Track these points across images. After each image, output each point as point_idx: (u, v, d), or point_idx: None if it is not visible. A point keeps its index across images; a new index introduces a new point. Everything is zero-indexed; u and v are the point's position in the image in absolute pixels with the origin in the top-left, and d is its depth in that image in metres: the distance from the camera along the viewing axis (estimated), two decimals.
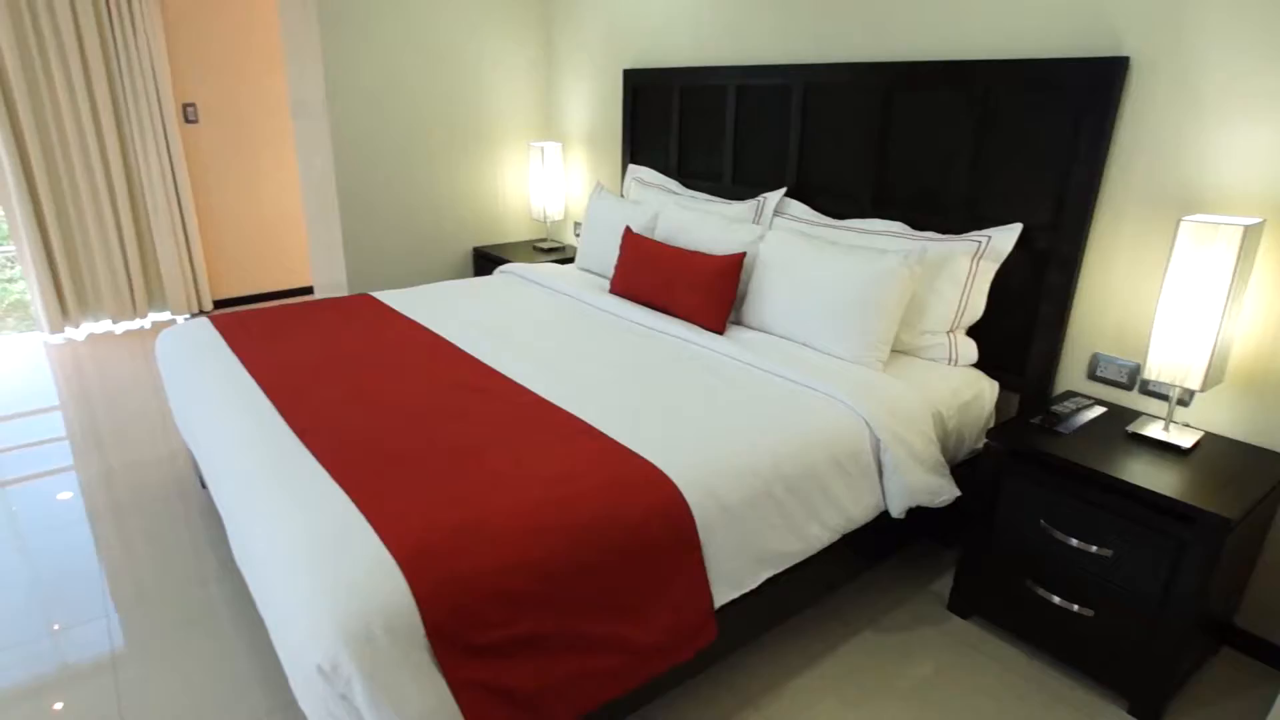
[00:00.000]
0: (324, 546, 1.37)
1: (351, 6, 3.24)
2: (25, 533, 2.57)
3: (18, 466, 3.03)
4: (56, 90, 4.03)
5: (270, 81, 4.68)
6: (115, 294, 4.40)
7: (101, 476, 2.93)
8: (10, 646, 2.05)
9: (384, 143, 3.48)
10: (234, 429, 1.84)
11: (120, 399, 3.61)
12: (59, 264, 4.23)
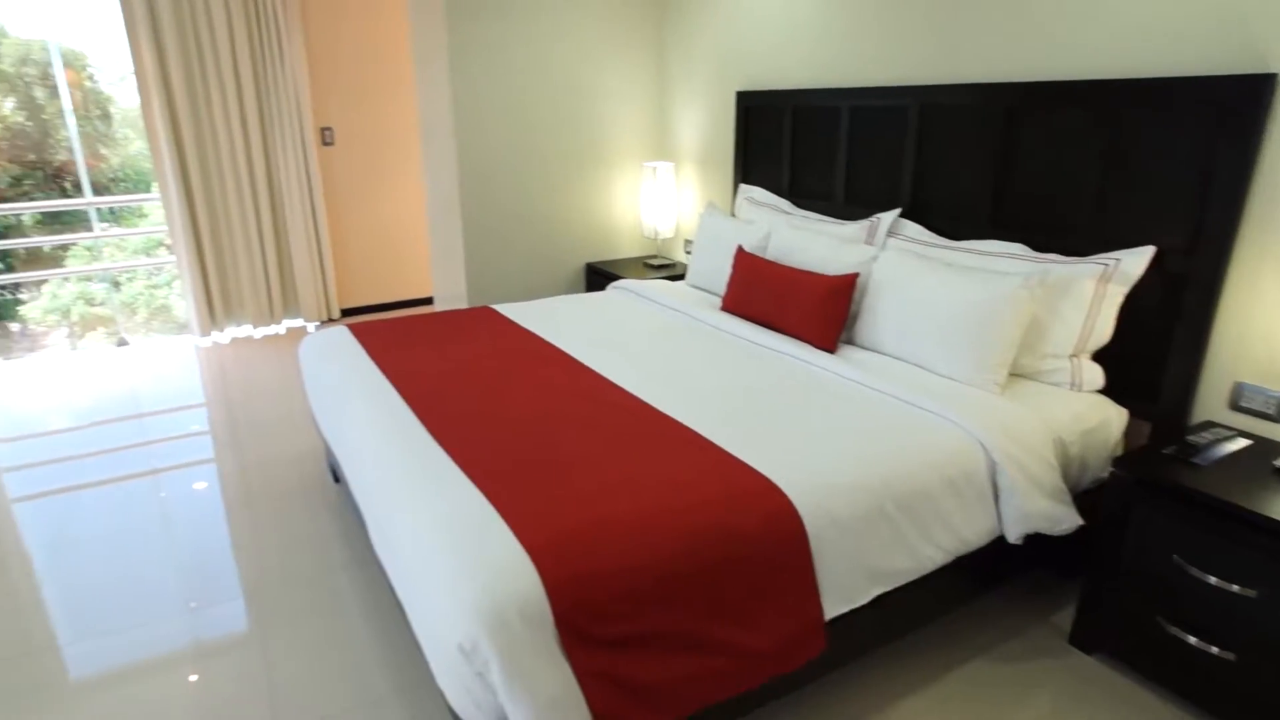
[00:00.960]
0: (462, 537, 1.51)
1: (479, 38, 3.50)
2: (171, 517, 2.88)
3: (167, 456, 3.40)
4: (215, 119, 4.51)
5: (399, 107, 5.08)
6: (256, 301, 4.87)
7: (238, 469, 3.24)
8: (153, 621, 2.31)
9: (505, 163, 3.71)
10: (375, 428, 2.04)
11: (257, 398, 3.98)
12: (210, 275, 4.71)
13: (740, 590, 1.58)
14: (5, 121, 6.53)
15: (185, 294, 4.75)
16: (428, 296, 5.42)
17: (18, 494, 3.13)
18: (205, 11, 4.35)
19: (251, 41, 4.52)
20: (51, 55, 5.64)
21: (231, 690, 2.02)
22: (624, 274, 3.73)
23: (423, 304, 5.46)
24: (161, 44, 4.33)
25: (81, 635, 2.24)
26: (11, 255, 6.44)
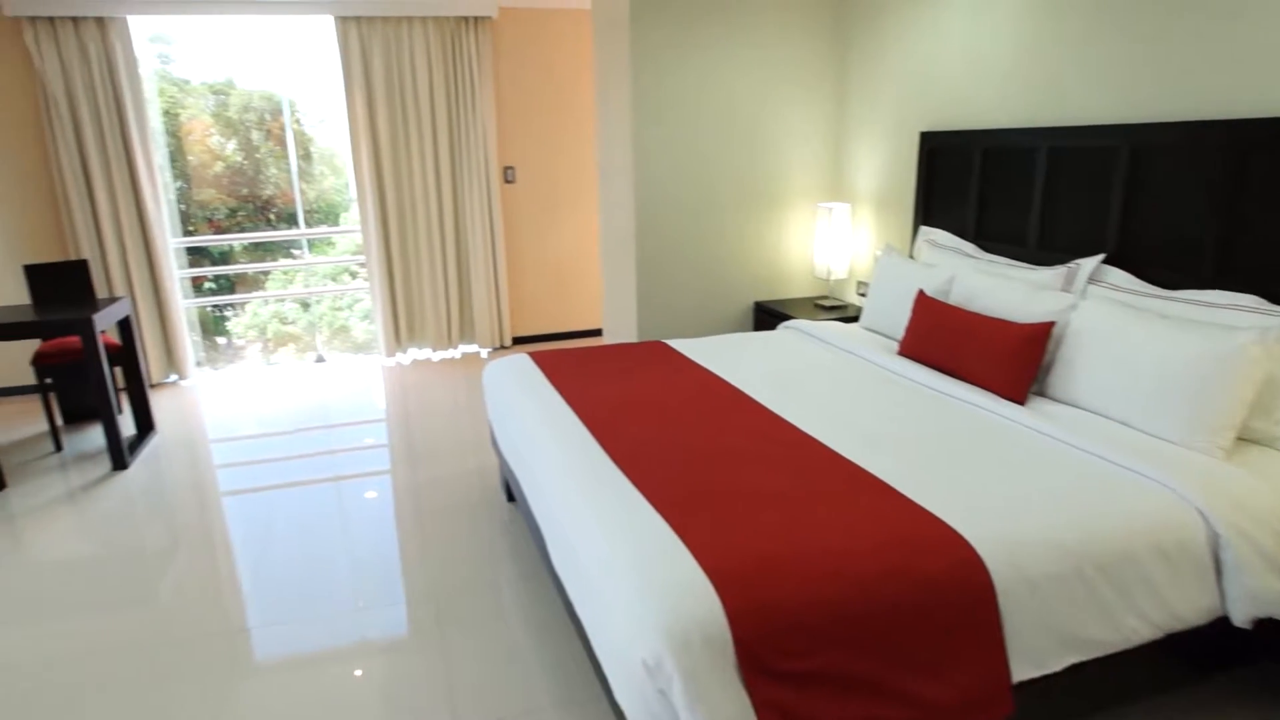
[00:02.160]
0: (646, 559, 1.62)
1: (660, 82, 3.74)
2: (348, 522, 3.22)
3: (349, 466, 3.80)
4: (412, 160, 5.08)
5: (576, 148, 5.48)
6: (436, 327, 5.37)
7: (411, 482, 3.56)
8: (326, 616, 2.58)
9: (679, 202, 3.91)
10: (558, 451, 2.21)
11: (433, 417, 4.37)
12: (399, 301, 5.26)
13: (921, 638, 1.59)
14: (227, 161, 7.62)
15: (375, 317, 5.31)
16: (596, 328, 5.74)
17: (226, 489, 3.63)
18: (410, 66, 4.94)
19: (448, 91, 5.05)
20: (283, 106, 6.51)
21: (391, 689, 2.22)
22: (794, 314, 3.79)
23: (591, 336, 5.79)
24: (372, 95, 4.94)
25: (267, 621, 2.57)
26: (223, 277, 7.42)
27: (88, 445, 4.11)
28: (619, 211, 4.05)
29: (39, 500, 3.48)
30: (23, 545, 3.11)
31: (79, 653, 2.41)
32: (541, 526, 2.23)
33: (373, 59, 4.89)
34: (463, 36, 4.98)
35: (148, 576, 2.84)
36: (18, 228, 4.80)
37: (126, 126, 4.65)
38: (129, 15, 4.55)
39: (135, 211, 4.79)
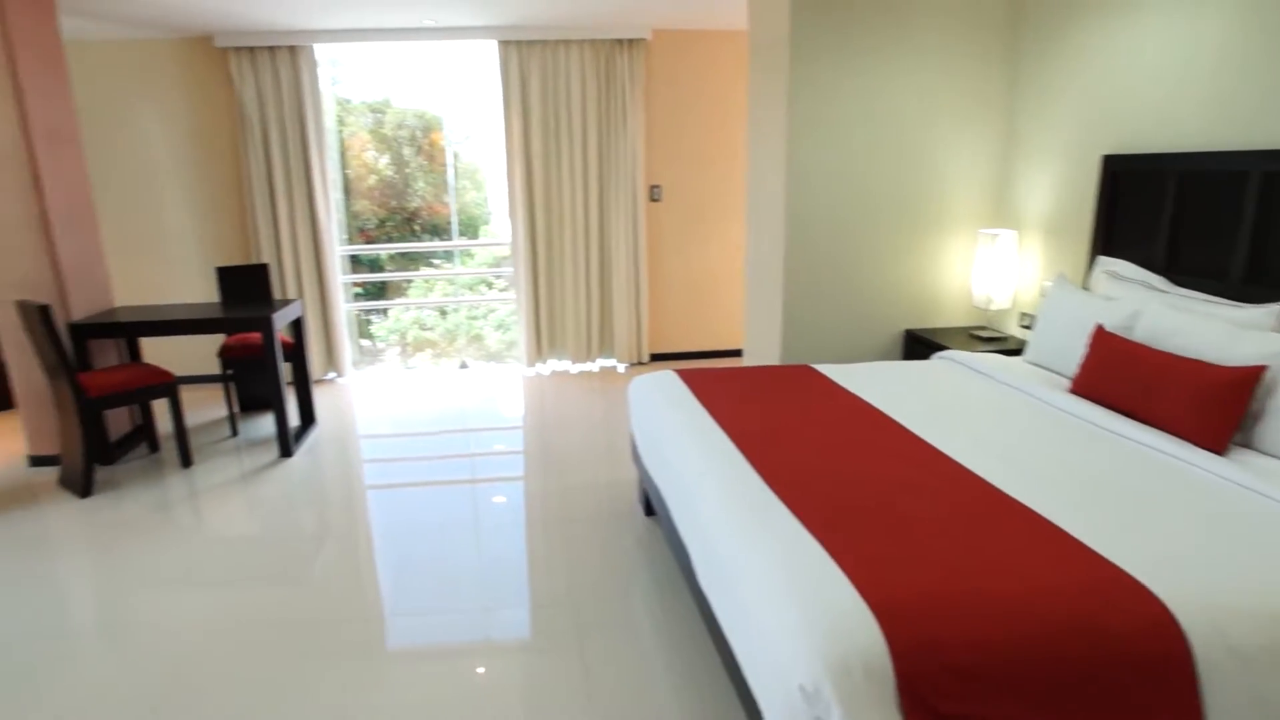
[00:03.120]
0: (803, 583, 1.61)
1: (817, 100, 3.71)
2: (480, 524, 3.35)
3: (485, 470, 3.97)
4: (562, 177, 5.30)
5: (724, 166, 5.54)
6: (576, 340, 5.55)
7: (543, 490, 3.67)
8: (454, 612, 2.70)
9: (831, 224, 3.86)
10: (708, 469, 2.23)
11: (568, 428, 4.50)
12: (542, 312, 5.48)
13: (1100, 696, 1.48)
14: (380, 174, 8.20)
15: (517, 328, 5.55)
16: (736, 349, 5.76)
17: (371, 482, 3.88)
18: (565, 87, 5.17)
19: (600, 111, 5.24)
20: (442, 124, 6.95)
21: (512, 689, 2.28)
22: (947, 343, 3.65)
23: (730, 356, 5.82)
24: (528, 114, 5.20)
25: (400, 612, 2.72)
26: (372, 283, 7.96)
27: (258, 433, 4.52)
28: (767, 232, 4.06)
29: (217, 480, 3.85)
30: (202, 520, 3.46)
31: (237, 621, 2.66)
32: (686, 542, 2.25)
33: (530, 80, 5.15)
34: (616, 58, 5.16)
35: (302, 558, 3.08)
36: (212, 234, 5.37)
37: (307, 143, 5.11)
38: (316, 44, 5.02)
39: (309, 221, 5.25)
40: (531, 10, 4.56)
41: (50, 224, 3.84)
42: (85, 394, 3.62)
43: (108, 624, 2.69)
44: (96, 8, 4.19)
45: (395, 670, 2.39)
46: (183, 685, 2.32)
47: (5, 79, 3.65)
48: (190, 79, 5.12)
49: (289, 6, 4.26)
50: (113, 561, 3.10)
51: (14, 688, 2.34)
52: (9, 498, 3.74)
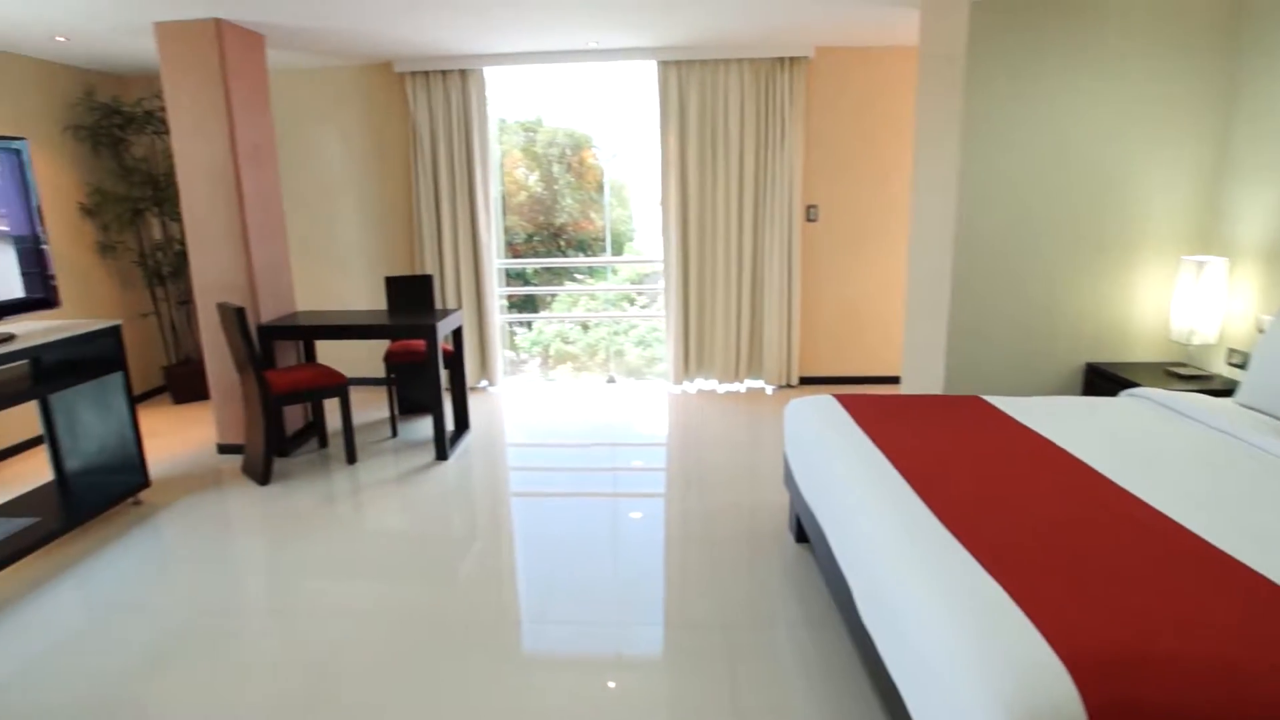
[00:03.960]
0: (984, 629, 1.50)
1: (994, 119, 3.55)
2: (619, 539, 3.37)
3: (626, 485, 4.01)
4: (718, 196, 5.34)
5: (883, 188, 5.40)
6: (725, 360, 5.55)
7: (683, 509, 3.66)
8: (588, 623, 2.73)
9: (1005, 248, 3.66)
10: (873, 501, 2.14)
11: (713, 448, 4.47)
12: (691, 331, 5.52)
13: None
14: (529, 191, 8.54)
15: (667, 345, 5.62)
16: (892, 376, 5.58)
17: (516, 490, 4.01)
18: (724, 106, 5.21)
19: (758, 129, 5.25)
20: (592, 142, 7.17)
21: (640, 707, 2.27)
22: (1138, 380, 3.36)
23: (884, 383, 5.65)
24: (685, 133, 5.28)
25: (536, 618, 2.78)
26: (520, 295, 8.27)
27: (416, 435, 4.80)
28: (932, 255, 3.90)
29: (378, 477, 4.12)
30: (363, 514, 3.70)
31: (386, 613, 2.82)
32: (846, 574, 2.18)
33: (688, 99, 5.23)
34: (777, 76, 5.15)
35: (450, 558, 3.23)
36: (382, 245, 5.79)
37: (472, 162, 5.42)
38: (485, 68, 5.33)
39: (471, 235, 5.55)
40: (695, 31, 4.64)
41: (248, 234, 4.27)
42: (270, 390, 3.98)
43: (274, 604, 2.93)
44: (297, 41, 4.64)
45: (528, 675, 2.45)
46: (332, 670, 2.48)
47: (220, 104, 4.11)
48: (370, 102, 5.57)
49: (465, 33, 4.55)
50: (282, 547, 3.38)
51: (189, 654, 2.59)
52: (199, 480, 4.16)
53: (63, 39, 4.42)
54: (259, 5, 3.83)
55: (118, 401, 3.71)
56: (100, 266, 5.44)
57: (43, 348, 3.24)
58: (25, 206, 3.36)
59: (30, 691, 2.42)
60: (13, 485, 4.10)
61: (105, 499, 3.63)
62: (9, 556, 3.07)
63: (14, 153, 3.32)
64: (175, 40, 4.07)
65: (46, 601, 2.95)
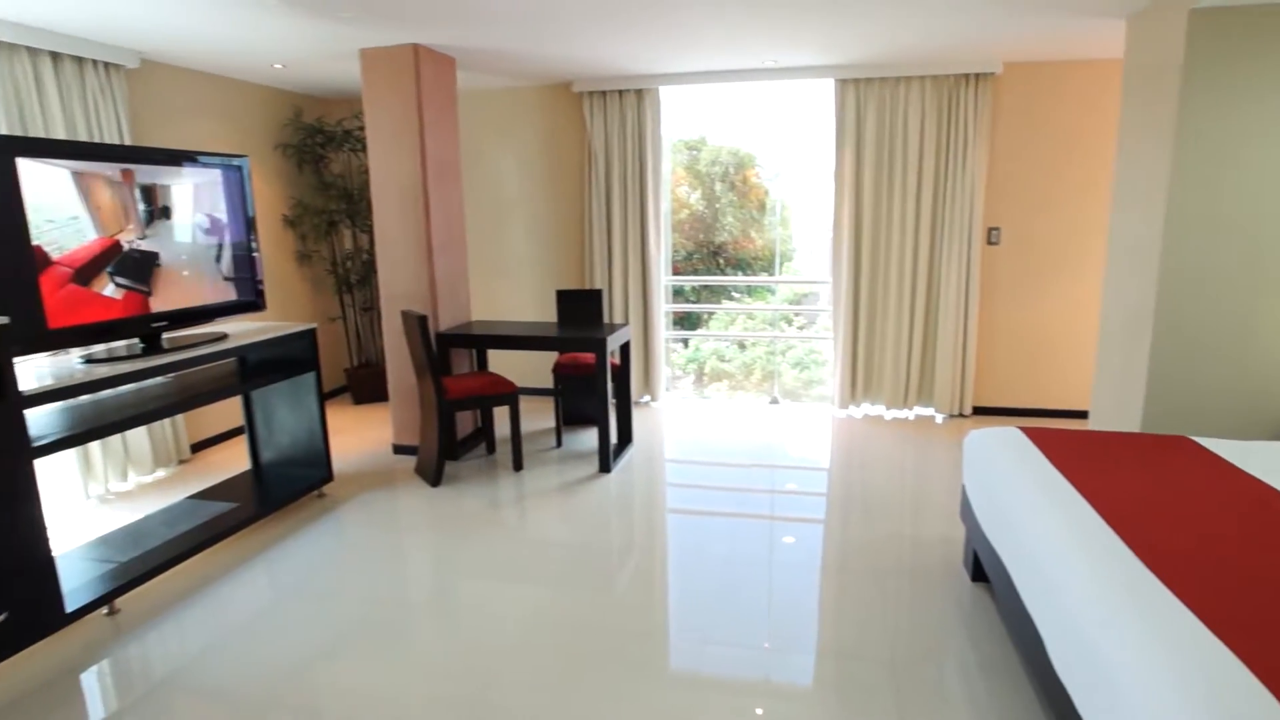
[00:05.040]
0: (1210, 696, 1.37)
1: (1212, 138, 3.24)
2: (773, 562, 3.33)
3: (784, 507, 3.96)
4: (892, 217, 5.21)
5: (1073, 211, 5.08)
6: (894, 385, 5.38)
7: (843, 537, 3.57)
8: (736, 644, 2.70)
9: (1217, 278, 3.33)
10: (1074, 546, 2.00)
11: (878, 476, 4.33)
12: (859, 354, 5.39)
13: None
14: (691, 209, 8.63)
15: (832, 367, 5.52)
16: (1079, 410, 5.21)
17: (675, 506, 4.04)
18: (902, 124, 5.08)
19: (938, 148, 5.07)
20: (759, 165, 7.17)
21: None
22: None
23: (1069, 417, 5.29)
24: (860, 152, 5.19)
25: (684, 634, 2.79)
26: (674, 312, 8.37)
27: (579, 446, 4.95)
28: (1133, 283, 3.61)
29: (543, 486, 4.28)
30: (526, 520, 3.86)
31: (543, 618, 2.92)
32: (1037, 621, 2.05)
33: (865, 117, 5.13)
34: (960, 93, 4.96)
35: (607, 569, 3.31)
36: (552, 259, 6.05)
37: (644, 180, 5.57)
38: (661, 87, 5.47)
39: (640, 251, 5.69)
40: (877, 49, 4.55)
41: (432, 246, 4.59)
42: (445, 395, 4.24)
43: (439, 602, 3.11)
44: (485, 63, 4.95)
45: (675, 693, 2.46)
46: (488, 671, 2.59)
47: (414, 124, 4.45)
48: (548, 121, 5.85)
49: (645, 54, 4.70)
50: (450, 547, 3.58)
51: (360, 643, 2.78)
52: (375, 478, 4.48)
53: (280, 66, 4.94)
54: (454, 31, 4.12)
55: (309, 400, 4.07)
56: (297, 273, 6.01)
57: (249, 347, 3.61)
58: (243, 217, 3.78)
59: (218, 663, 2.69)
60: (214, 471, 4.59)
61: (294, 490, 3.98)
62: (211, 538, 3.43)
63: (236, 169, 3.74)
64: (377, 65, 4.45)
65: (239, 582, 3.27)
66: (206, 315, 3.58)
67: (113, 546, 3.32)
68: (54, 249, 2.85)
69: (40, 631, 2.69)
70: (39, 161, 2.80)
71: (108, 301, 3.07)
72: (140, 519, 3.63)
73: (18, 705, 2.48)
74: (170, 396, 3.36)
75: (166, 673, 2.64)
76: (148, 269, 3.26)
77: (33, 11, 3.55)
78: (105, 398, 3.28)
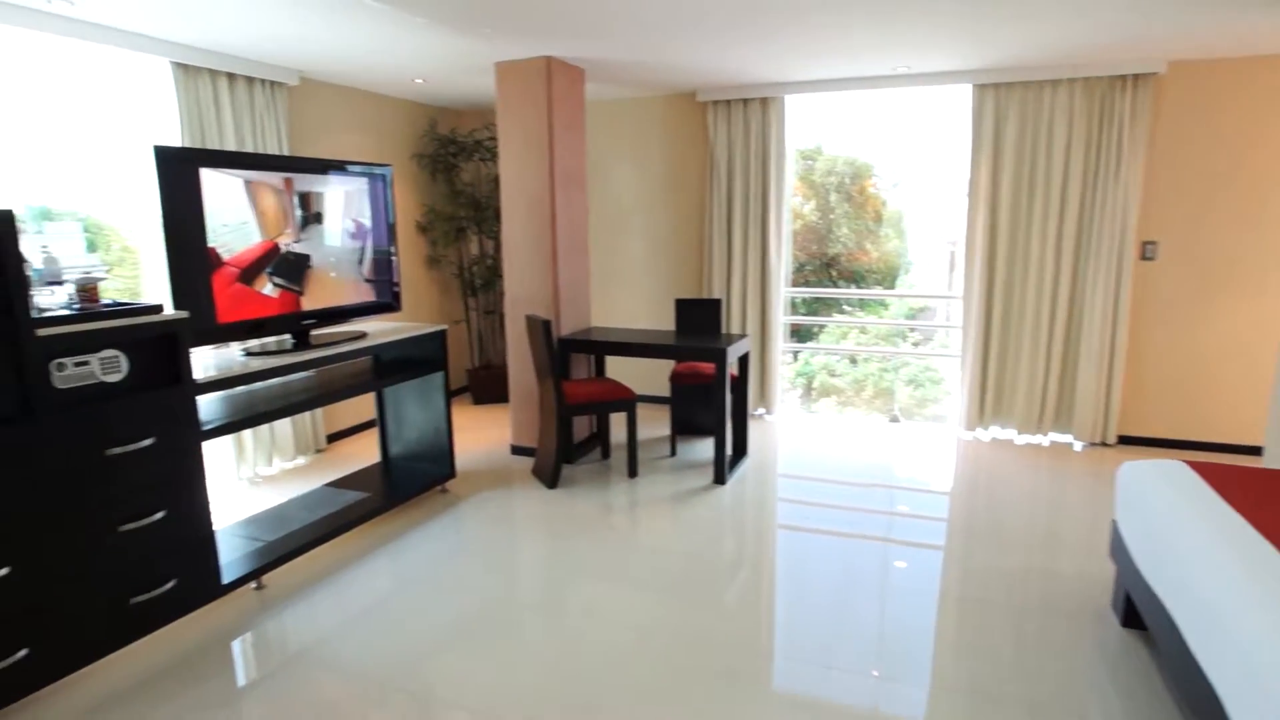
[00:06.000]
0: None
1: None
2: (886, 587, 3.22)
3: (900, 531, 3.81)
4: (1032, 231, 4.95)
5: (1249, 220, 4.65)
6: (1027, 408, 5.10)
7: (965, 565, 3.40)
8: (843, 670, 2.61)
9: None
10: (1260, 597, 1.83)
11: (1007, 504, 4.11)
12: (989, 374, 5.14)
13: None
14: (804, 220, 8.48)
15: (959, 387, 5.29)
16: (1247, 445, 4.79)
17: (788, 522, 3.95)
18: (1047, 131, 4.82)
19: (1086, 156, 4.78)
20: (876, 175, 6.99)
21: None
22: None
23: (1237, 452, 4.85)
24: (998, 161, 4.95)
25: (791, 654, 2.73)
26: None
27: (693, 456, 4.94)
28: None
29: (655, 494, 4.29)
30: (638, 528, 3.87)
31: (649, 625, 2.93)
32: (1212, 678, 1.88)
33: (1005, 124, 4.90)
34: (1115, 96, 4.66)
35: (716, 582, 3.28)
36: (673, 267, 6.07)
37: (767, 189, 5.51)
38: (787, 96, 5.40)
39: (760, 261, 5.63)
40: (1022, 50, 4.33)
41: (557, 253, 4.68)
42: (565, 400, 4.31)
43: (550, 602, 3.16)
44: (613, 74, 5.03)
45: (778, 714, 2.40)
46: (593, 674, 2.62)
47: (544, 134, 4.56)
48: (671, 130, 5.88)
49: (772, 62, 4.65)
50: (564, 549, 3.63)
51: (473, 636, 2.87)
52: (494, 477, 4.60)
53: (421, 80, 5.17)
54: (586, 43, 4.20)
55: (436, 398, 4.23)
56: (426, 277, 6.26)
57: (384, 346, 3.80)
58: (384, 223, 3.97)
59: (346, 643, 2.84)
60: (347, 462, 4.83)
61: (419, 484, 4.14)
62: (343, 525, 3.61)
63: (381, 177, 3.93)
64: (511, 77, 4.59)
65: (367, 569, 3.43)
66: (348, 314, 3.78)
67: (261, 526, 3.55)
68: (225, 250, 3.08)
69: (203, 598, 2.94)
70: (218, 171, 3.04)
71: (266, 299, 3.30)
72: (283, 502, 3.87)
73: (185, 662, 2.72)
74: (315, 390, 3.55)
75: (301, 647, 2.81)
76: (301, 270, 3.47)
77: (211, 36, 3.87)
78: (257, 388, 3.51)
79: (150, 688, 2.57)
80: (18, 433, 2.28)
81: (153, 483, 2.67)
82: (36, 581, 2.36)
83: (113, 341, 2.53)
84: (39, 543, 2.36)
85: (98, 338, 2.48)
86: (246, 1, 3.29)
